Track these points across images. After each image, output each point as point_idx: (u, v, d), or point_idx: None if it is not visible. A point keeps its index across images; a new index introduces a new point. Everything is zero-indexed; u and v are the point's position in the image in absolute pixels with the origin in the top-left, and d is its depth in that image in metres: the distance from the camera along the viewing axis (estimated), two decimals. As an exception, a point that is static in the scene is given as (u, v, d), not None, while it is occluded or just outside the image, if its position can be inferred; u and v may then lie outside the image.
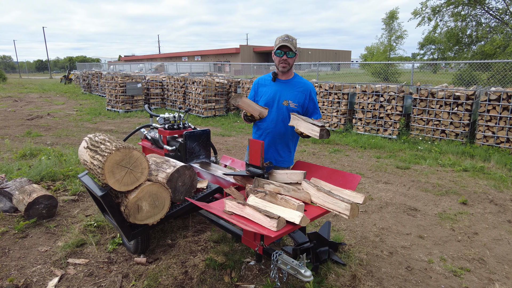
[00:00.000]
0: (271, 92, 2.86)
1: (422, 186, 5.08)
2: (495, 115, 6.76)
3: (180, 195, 2.79)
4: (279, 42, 2.76)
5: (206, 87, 11.37)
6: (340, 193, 2.31)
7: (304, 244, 2.85)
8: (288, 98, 2.83)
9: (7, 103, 15.00)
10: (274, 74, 2.90)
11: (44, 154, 6.20)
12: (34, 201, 3.74)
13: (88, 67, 27.44)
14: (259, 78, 3.02)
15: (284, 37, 2.76)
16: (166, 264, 2.99)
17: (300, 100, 2.85)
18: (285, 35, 2.79)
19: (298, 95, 2.85)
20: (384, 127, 8.32)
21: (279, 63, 2.81)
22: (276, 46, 2.77)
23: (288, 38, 2.75)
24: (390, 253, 3.27)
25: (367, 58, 36.41)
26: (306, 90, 2.87)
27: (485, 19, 19.35)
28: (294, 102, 2.83)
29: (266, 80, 2.95)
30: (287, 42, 2.72)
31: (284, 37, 2.76)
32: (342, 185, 2.58)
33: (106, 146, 2.43)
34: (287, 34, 2.79)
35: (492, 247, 3.40)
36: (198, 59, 55.50)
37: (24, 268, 2.98)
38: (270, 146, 2.94)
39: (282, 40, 2.75)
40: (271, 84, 2.90)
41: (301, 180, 2.52)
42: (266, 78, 2.96)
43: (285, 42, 2.72)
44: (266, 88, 2.91)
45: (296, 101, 2.84)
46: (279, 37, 2.79)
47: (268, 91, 2.88)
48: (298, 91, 2.86)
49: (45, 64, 73.93)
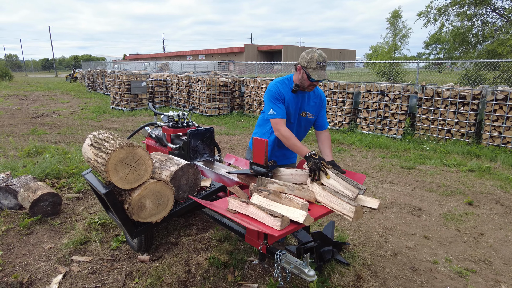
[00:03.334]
0: (293, 103, 2.73)
1: (427, 186, 5.04)
2: (502, 115, 6.69)
3: (183, 193, 2.78)
4: (316, 67, 2.49)
5: (210, 86, 11.37)
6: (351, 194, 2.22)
7: (308, 243, 2.84)
8: (307, 110, 2.80)
9: (13, 101, 15.11)
10: (296, 87, 2.65)
11: (49, 152, 6.23)
12: (38, 199, 3.76)
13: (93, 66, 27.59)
14: (277, 86, 2.68)
15: (322, 62, 2.50)
16: (169, 262, 2.99)
17: (316, 111, 2.85)
18: (323, 58, 2.52)
19: (315, 106, 2.83)
20: (389, 126, 8.27)
21: (308, 86, 2.61)
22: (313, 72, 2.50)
23: (326, 64, 2.53)
24: (394, 253, 3.24)
25: (372, 58, 36.23)
26: (320, 101, 2.85)
27: (491, 19, 19.18)
28: (311, 113, 2.82)
29: (287, 91, 2.70)
30: (324, 74, 2.52)
31: (322, 62, 2.50)
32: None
33: (110, 144, 2.43)
34: (325, 57, 2.54)
35: (499, 248, 3.37)
36: (203, 58, 55.57)
37: (28, 265, 2.99)
38: (284, 151, 2.95)
39: (320, 66, 2.49)
40: (292, 95, 2.70)
41: (306, 181, 2.50)
42: (284, 88, 2.70)
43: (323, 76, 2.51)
44: (290, 99, 2.71)
45: (313, 112, 2.83)
46: (314, 57, 2.49)
47: (292, 102, 2.72)
48: (315, 102, 2.82)
49: (50, 63, 74.38)
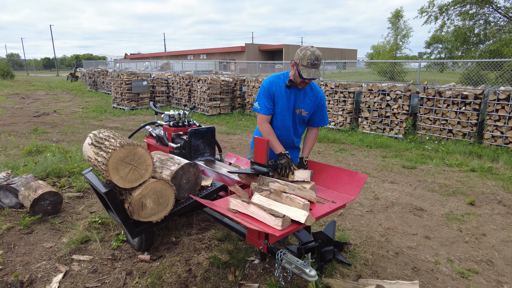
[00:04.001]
0: (286, 99, 2.73)
1: (429, 186, 5.02)
2: (504, 115, 6.66)
3: (184, 193, 2.77)
4: (307, 65, 2.46)
5: (211, 85, 11.36)
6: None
7: (309, 243, 2.83)
8: (301, 107, 2.78)
9: (15, 100, 15.12)
10: (290, 82, 2.66)
11: (50, 151, 6.23)
12: (39, 197, 3.76)
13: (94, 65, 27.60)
14: (270, 82, 2.74)
15: (313, 60, 2.45)
16: (170, 262, 2.98)
17: (311, 109, 2.82)
18: (315, 56, 2.46)
19: (310, 104, 2.80)
20: (390, 126, 8.25)
21: (299, 83, 2.61)
22: (304, 70, 2.48)
23: (318, 62, 2.47)
24: (396, 254, 3.23)
25: (373, 57, 36.16)
26: (317, 99, 2.81)
27: (493, 18, 19.12)
28: (306, 111, 2.81)
29: (280, 86, 2.72)
30: (316, 67, 2.47)
31: (314, 60, 2.45)
32: (347, 184, 2.55)
33: (110, 143, 2.42)
34: (317, 55, 2.47)
35: (501, 248, 3.35)
36: (204, 58, 55.55)
37: (29, 264, 2.99)
38: None
39: (312, 64, 2.46)
40: (286, 90, 2.71)
41: (308, 179, 2.49)
42: (278, 84, 2.72)
43: (315, 75, 2.46)
44: (281, 95, 2.73)
45: (308, 109, 2.81)
46: (306, 55, 2.46)
47: (283, 98, 2.73)
48: (311, 99, 2.79)
49: (52, 62, 74.46)
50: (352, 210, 4.18)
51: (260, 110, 2.73)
